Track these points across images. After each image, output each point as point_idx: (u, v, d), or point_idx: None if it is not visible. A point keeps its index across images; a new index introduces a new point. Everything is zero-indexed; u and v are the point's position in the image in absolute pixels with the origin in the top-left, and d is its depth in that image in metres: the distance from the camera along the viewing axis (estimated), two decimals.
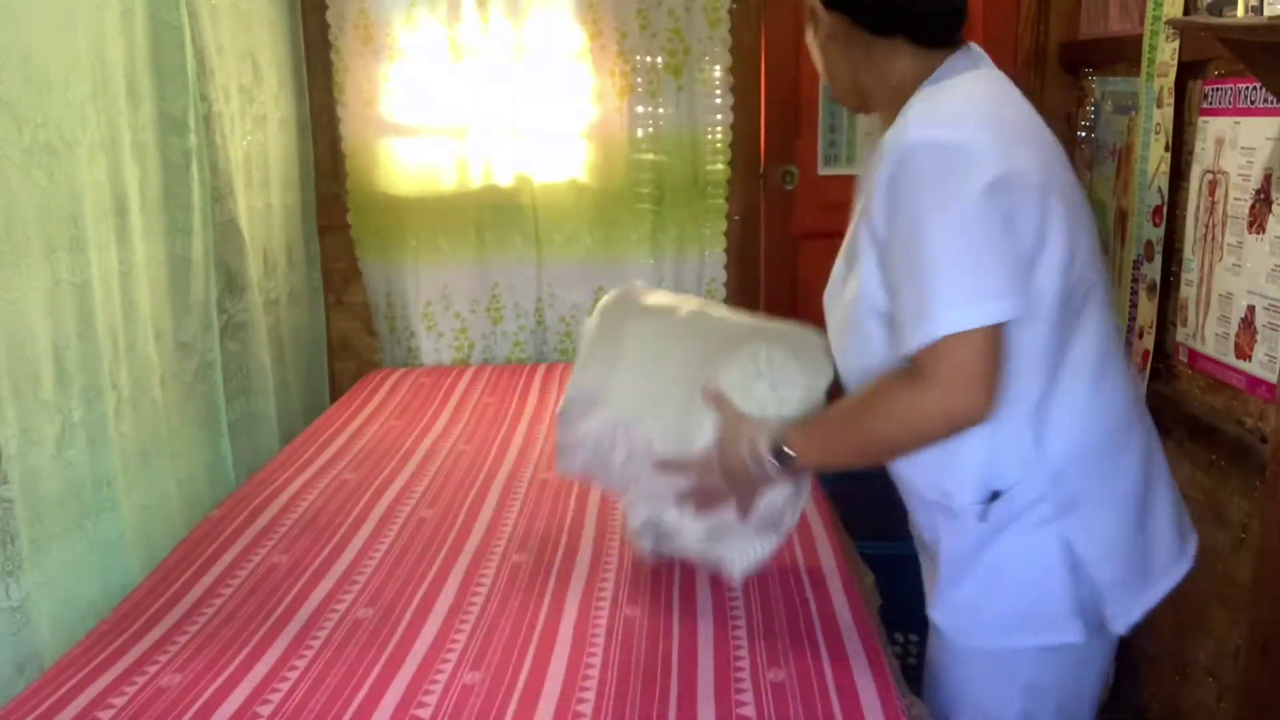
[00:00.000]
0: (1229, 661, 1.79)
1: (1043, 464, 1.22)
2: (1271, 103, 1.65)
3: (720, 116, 2.85)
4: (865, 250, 1.20)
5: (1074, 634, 1.24)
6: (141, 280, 1.85)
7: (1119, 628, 1.27)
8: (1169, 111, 1.94)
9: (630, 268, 2.92)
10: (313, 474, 2.06)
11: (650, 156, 2.86)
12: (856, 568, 1.78)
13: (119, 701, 1.27)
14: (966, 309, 1.09)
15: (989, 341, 1.10)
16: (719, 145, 2.86)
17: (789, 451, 1.28)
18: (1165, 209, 1.98)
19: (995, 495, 1.23)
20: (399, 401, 2.56)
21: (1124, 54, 2.19)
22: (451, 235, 2.90)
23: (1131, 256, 2.12)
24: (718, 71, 2.82)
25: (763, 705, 1.24)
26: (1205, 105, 1.86)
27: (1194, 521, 1.75)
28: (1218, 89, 1.82)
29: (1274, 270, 1.66)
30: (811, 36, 1.35)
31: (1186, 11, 1.88)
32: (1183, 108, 1.93)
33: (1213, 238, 1.83)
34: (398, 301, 2.93)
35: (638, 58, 2.79)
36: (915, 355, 1.12)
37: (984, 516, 1.24)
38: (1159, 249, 2.01)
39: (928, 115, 1.16)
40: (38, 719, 1.24)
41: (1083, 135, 2.49)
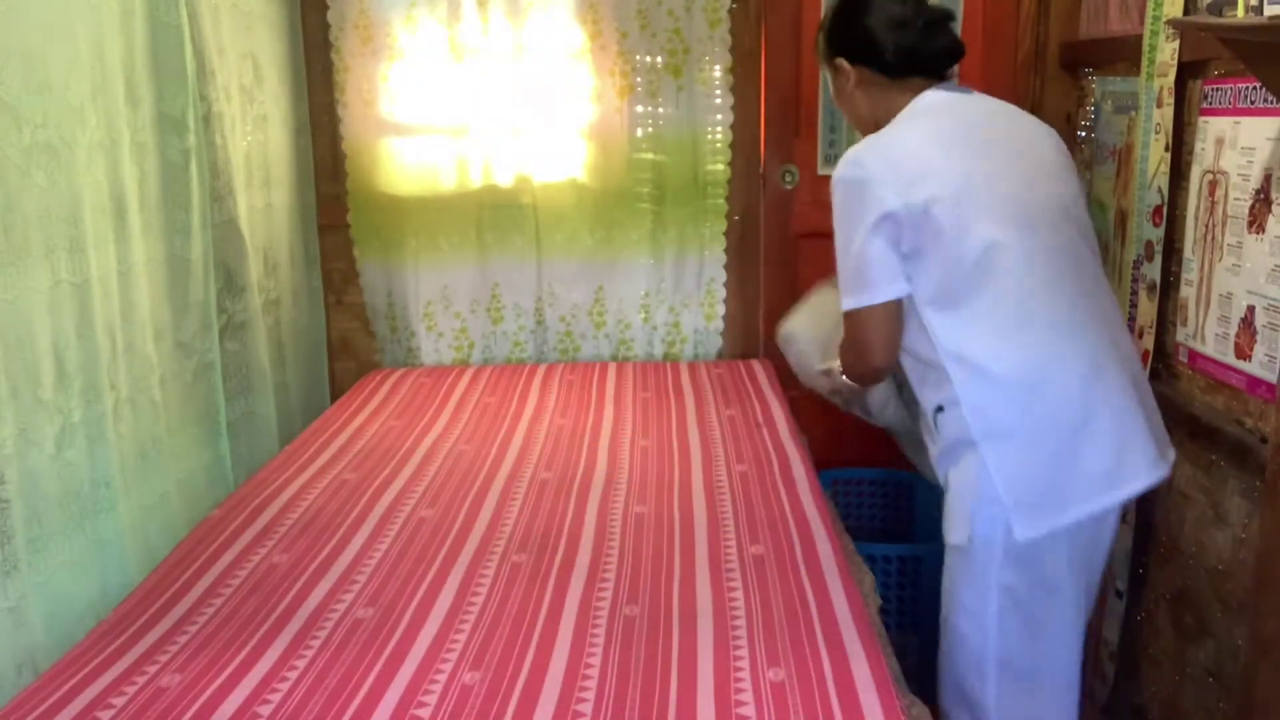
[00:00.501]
0: (1229, 661, 1.79)
1: (965, 397, 1.59)
2: (1271, 103, 1.65)
3: (720, 116, 2.85)
4: None
5: (980, 535, 1.60)
6: (141, 280, 1.85)
7: (1019, 537, 1.57)
8: (1169, 111, 1.94)
9: (630, 267, 2.92)
10: (312, 474, 2.06)
11: (650, 156, 2.86)
12: (856, 568, 1.78)
13: (119, 701, 1.27)
14: (856, 296, 1.64)
15: (872, 315, 1.64)
16: (719, 145, 2.86)
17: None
18: (1165, 209, 1.98)
19: (941, 409, 1.63)
20: (399, 401, 2.56)
21: (1124, 54, 2.19)
22: (451, 235, 2.90)
23: (1131, 256, 2.12)
24: (718, 71, 2.82)
25: (762, 705, 1.24)
26: (1205, 105, 1.86)
27: (1194, 521, 1.75)
28: (1218, 89, 1.82)
29: (1274, 270, 1.66)
30: (836, 87, 1.81)
31: (1186, 11, 1.88)
32: (1183, 108, 1.93)
33: (1213, 238, 1.83)
34: (398, 301, 2.93)
35: (638, 58, 2.79)
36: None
37: (937, 425, 1.65)
38: (1159, 249, 2.01)
39: (852, 155, 1.63)
40: (37, 719, 1.24)
41: (1083, 135, 2.49)
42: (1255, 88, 1.70)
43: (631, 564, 1.63)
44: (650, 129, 2.84)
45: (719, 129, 2.86)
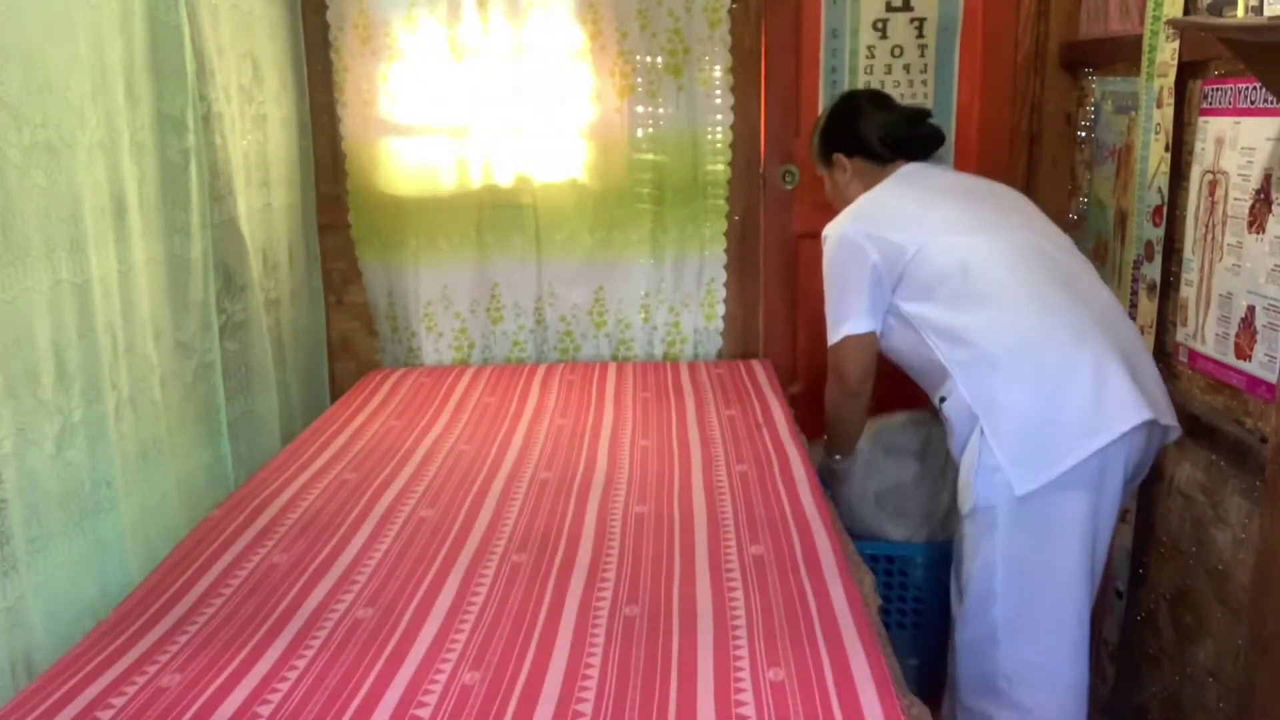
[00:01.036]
0: (1229, 661, 1.79)
1: (961, 380, 1.85)
2: (1271, 103, 1.65)
3: (720, 117, 2.85)
4: None
5: (982, 499, 1.80)
6: (141, 280, 1.85)
7: (1018, 492, 1.76)
8: (1169, 111, 1.94)
9: (630, 267, 2.92)
10: (312, 474, 2.06)
11: (650, 156, 2.86)
12: (856, 568, 1.78)
13: (119, 702, 1.27)
14: (835, 330, 2.03)
15: (847, 344, 2.02)
16: (719, 145, 2.86)
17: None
18: (1165, 209, 1.98)
19: (944, 399, 1.90)
20: (399, 401, 2.56)
21: (1124, 54, 2.19)
22: (451, 235, 2.90)
23: (1131, 256, 2.12)
24: (718, 71, 2.81)
25: (762, 705, 1.24)
26: (1205, 105, 1.86)
27: (1194, 521, 1.75)
28: (1218, 89, 1.82)
29: (1274, 270, 1.66)
30: (833, 181, 2.22)
31: (1186, 11, 1.89)
32: (1183, 108, 1.93)
33: (1213, 238, 1.83)
34: (398, 301, 2.93)
35: (638, 58, 2.79)
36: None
37: (945, 416, 1.91)
38: (1159, 249, 2.01)
39: (842, 217, 2.03)
40: (37, 719, 1.24)
41: (1083, 135, 2.49)
42: (1255, 88, 1.70)
43: (631, 564, 1.63)
44: (650, 129, 2.84)
45: (719, 129, 2.86)
